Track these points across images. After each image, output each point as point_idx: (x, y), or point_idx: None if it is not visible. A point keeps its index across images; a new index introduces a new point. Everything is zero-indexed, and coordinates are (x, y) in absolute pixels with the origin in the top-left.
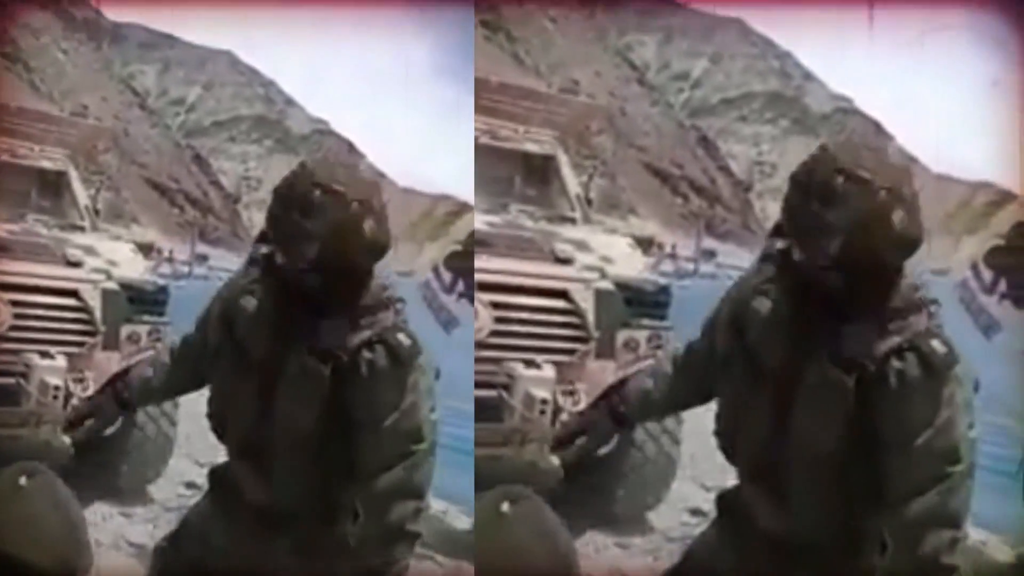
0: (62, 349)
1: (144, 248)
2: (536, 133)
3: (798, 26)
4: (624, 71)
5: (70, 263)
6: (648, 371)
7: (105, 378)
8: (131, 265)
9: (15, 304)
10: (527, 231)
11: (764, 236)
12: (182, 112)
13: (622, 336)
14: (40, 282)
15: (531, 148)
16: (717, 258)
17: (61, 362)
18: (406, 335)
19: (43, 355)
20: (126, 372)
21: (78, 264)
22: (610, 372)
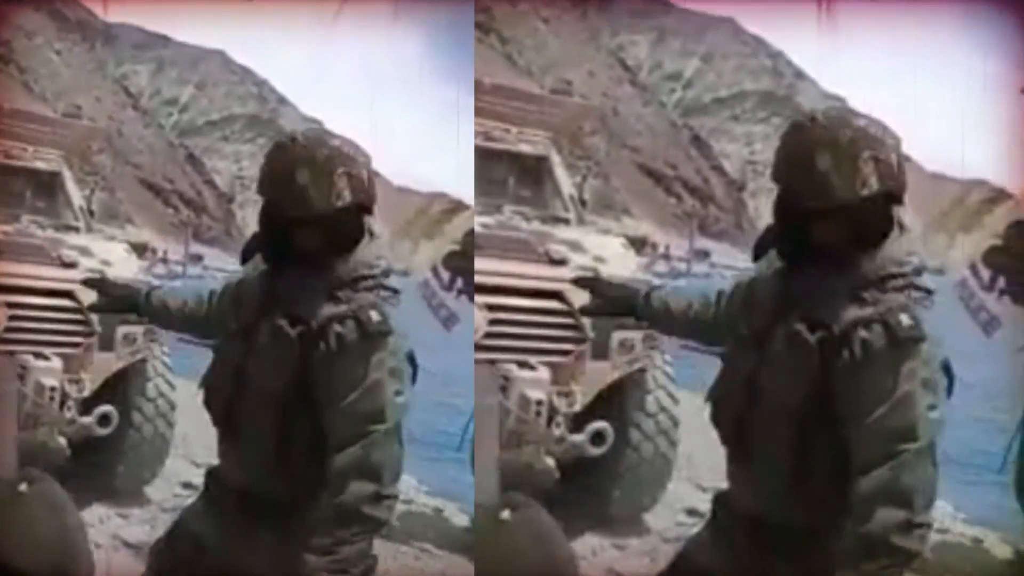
0: (57, 350)
1: (138, 248)
2: (529, 134)
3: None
4: (617, 71)
5: (65, 264)
6: (685, 290)
7: (102, 379)
8: (126, 265)
9: (10, 306)
10: (521, 232)
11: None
12: (175, 112)
13: (617, 337)
14: (35, 283)
15: (525, 149)
16: (711, 258)
17: (57, 363)
18: (378, 312)
19: (38, 356)
20: (123, 373)
21: (73, 265)
22: (605, 373)
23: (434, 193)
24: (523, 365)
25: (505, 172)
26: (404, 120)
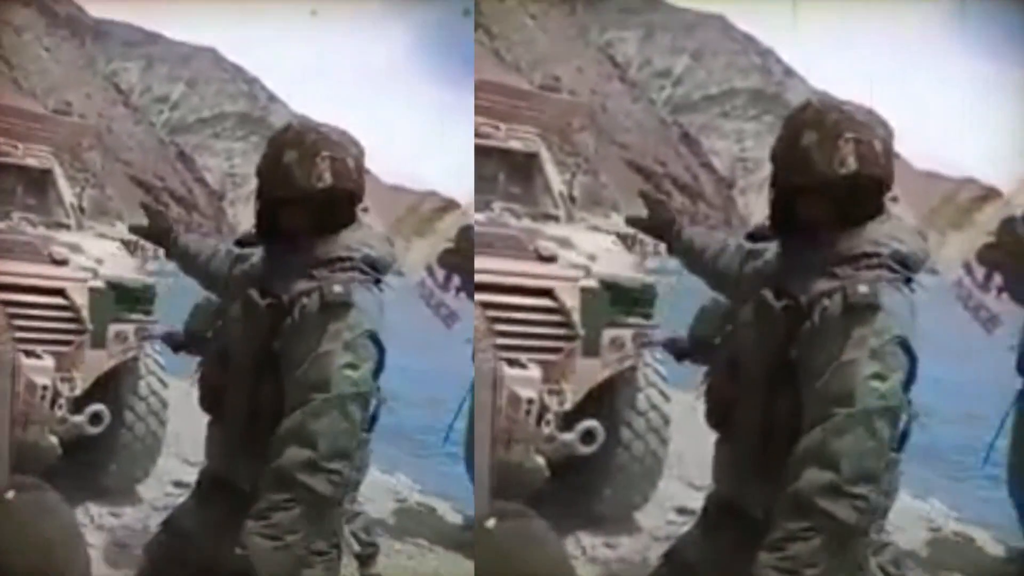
0: (49, 348)
1: (129, 246)
2: (519, 130)
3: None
4: (606, 68)
5: (56, 261)
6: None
7: (93, 377)
8: (117, 263)
9: (1, 304)
10: (511, 229)
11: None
12: (166, 109)
13: (608, 335)
14: (26, 281)
15: (514, 146)
16: None
17: (48, 362)
18: (341, 286)
19: (30, 355)
20: (115, 371)
21: (64, 262)
22: (596, 371)
23: (426, 191)
24: (513, 363)
25: (495, 169)
26: (395, 118)
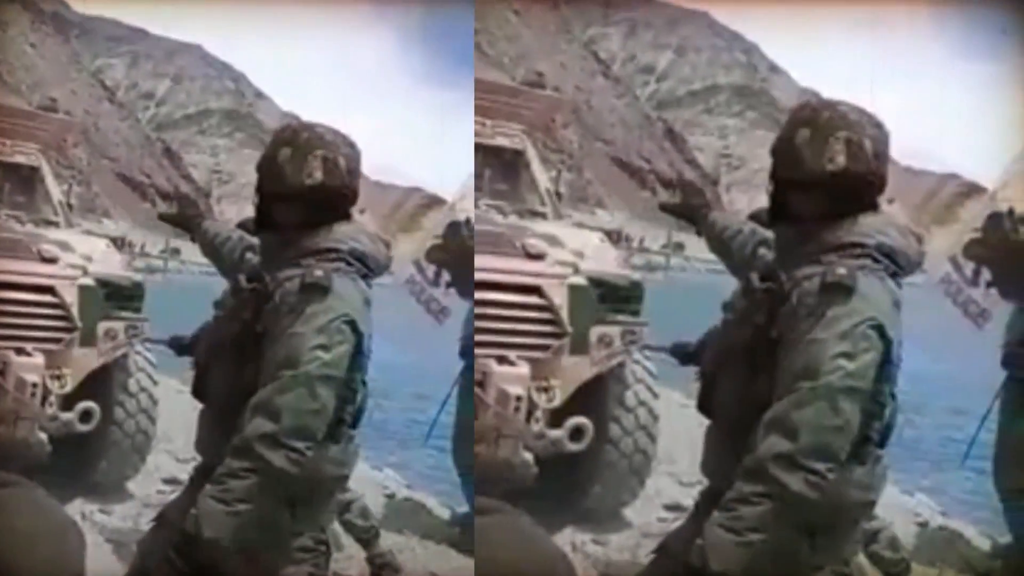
0: (39, 346)
1: (117, 243)
2: (505, 127)
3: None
4: (590, 63)
5: (45, 259)
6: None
7: (83, 375)
8: (106, 260)
9: None
10: (498, 227)
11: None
12: (152, 106)
13: (596, 332)
14: (15, 278)
15: (500, 143)
16: (685, 251)
17: (39, 359)
18: (322, 271)
19: (20, 352)
20: (105, 369)
21: (53, 260)
22: (585, 368)
23: (410, 188)
24: (502, 360)
25: (480, 166)
26: (382, 115)
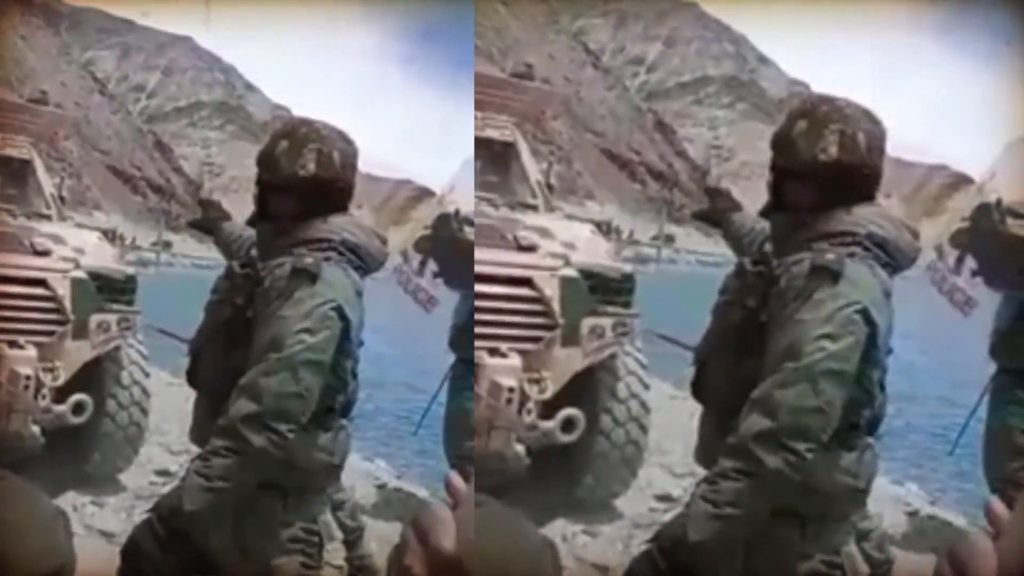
0: (32, 339)
1: (109, 235)
2: (495, 119)
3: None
4: (579, 55)
5: (37, 252)
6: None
7: (76, 367)
8: (98, 253)
9: None
10: (489, 219)
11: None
12: (143, 98)
13: (588, 324)
14: (8, 272)
15: (491, 135)
16: (675, 243)
17: (31, 352)
18: (312, 258)
19: (12, 345)
20: (98, 361)
21: (46, 253)
22: (576, 359)
23: (400, 180)
24: (493, 352)
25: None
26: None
